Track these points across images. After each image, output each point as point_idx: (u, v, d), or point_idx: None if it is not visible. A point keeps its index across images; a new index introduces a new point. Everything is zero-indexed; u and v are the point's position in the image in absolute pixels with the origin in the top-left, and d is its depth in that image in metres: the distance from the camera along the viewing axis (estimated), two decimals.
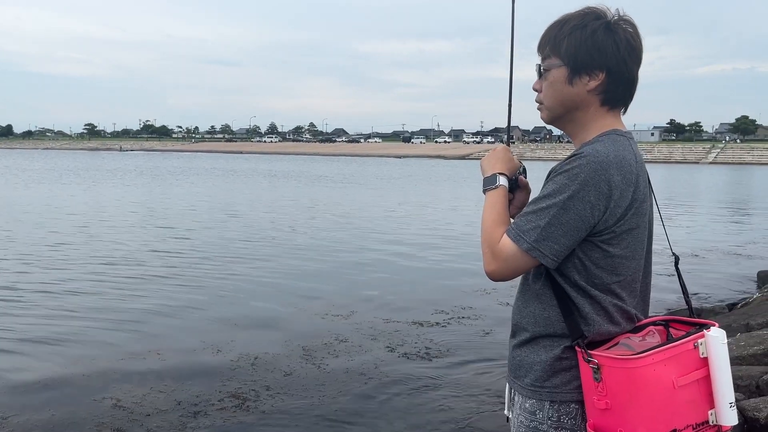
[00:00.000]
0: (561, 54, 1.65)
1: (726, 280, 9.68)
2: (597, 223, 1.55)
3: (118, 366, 5.78)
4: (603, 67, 1.62)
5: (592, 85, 1.64)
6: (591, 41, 1.61)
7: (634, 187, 1.58)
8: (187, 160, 69.21)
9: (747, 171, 58.92)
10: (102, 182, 32.68)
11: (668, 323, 1.67)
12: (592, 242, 1.58)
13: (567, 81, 1.65)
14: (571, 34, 1.63)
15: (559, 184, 1.55)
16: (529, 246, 1.56)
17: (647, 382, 1.47)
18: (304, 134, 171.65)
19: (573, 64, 1.63)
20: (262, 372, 5.63)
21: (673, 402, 1.49)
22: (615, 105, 1.68)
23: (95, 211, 18.71)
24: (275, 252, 12.02)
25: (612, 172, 1.53)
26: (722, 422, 1.54)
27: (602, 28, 1.62)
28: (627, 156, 1.58)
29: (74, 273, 9.74)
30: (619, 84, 1.65)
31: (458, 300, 8.07)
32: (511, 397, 1.78)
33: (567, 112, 1.69)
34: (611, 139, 1.61)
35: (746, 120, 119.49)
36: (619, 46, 1.61)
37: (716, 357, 1.54)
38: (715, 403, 1.54)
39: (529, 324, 1.68)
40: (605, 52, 1.61)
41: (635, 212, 1.59)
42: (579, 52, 1.62)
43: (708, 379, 1.54)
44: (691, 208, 21.96)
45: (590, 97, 1.65)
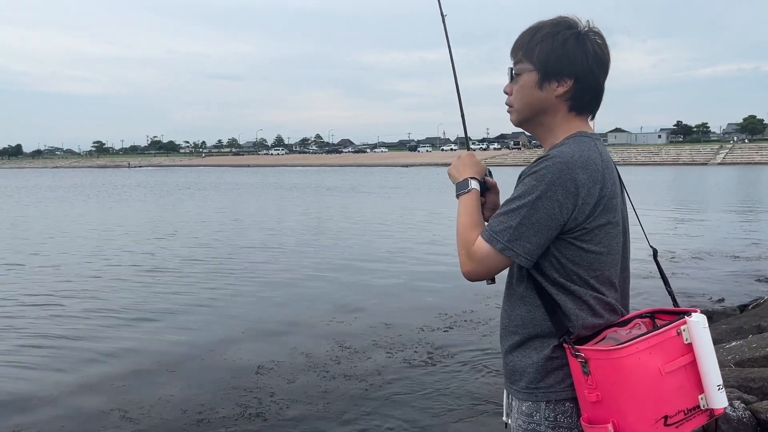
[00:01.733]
0: (533, 59, 1.71)
1: (737, 281, 9.61)
2: (567, 221, 1.61)
3: (124, 377, 5.87)
4: (571, 75, 1.68)
5: (560, 91, 1.70)
6: (562, 49, 1.67)
7: (601, 184, 1.63)
8: (197, 175, 69.53)
9: (756, 171, 58.48)
10: (119, 198, 32.96)
11: (653, 315, 1.72)
12: (566, 240, 1.63)
13: (537, 85, 1.71)
14: (543, 41, 1.69)
15: (527, 186, 1.61)
16: (503, 246, 1.62)
17: (633, 371, 1.51)
18: (311, 146, 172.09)
19: (543, 70, 1.70)
20: (266, 379, 5.70)
21: (661, 389, 1.53)
22: (582, 111, 1.74)
23: (91, 225, 18.89)
24: (278, 261, 12.11)
25: (577, 171, 1.59)
26: (712, 405, 1.58)
27: (573, 37, 1.68)
28: (592, 156, 1.64)
29: (72, 284, 9.87)
30: (586, 92, 1.71)
31: (459, 305, 8.11)
32: (509, 403, 1.80)
33: (535, 115, 1.75)
34: (577, 140, 1.68)
35: (754, 119, 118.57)
36: (587, 56, 1.68)
37: (700, 342, 1.57)
38: (703, 386, 1.57)
39: (518, 327, 1.72)
40: (574, 60, 1.68)
41: (604, 208, 1.65)
42: (550, 59, 1.68)
43: (694, 364, 1.57)
44: (701, 209, 21.85)
45: (558, 102, 1.71)
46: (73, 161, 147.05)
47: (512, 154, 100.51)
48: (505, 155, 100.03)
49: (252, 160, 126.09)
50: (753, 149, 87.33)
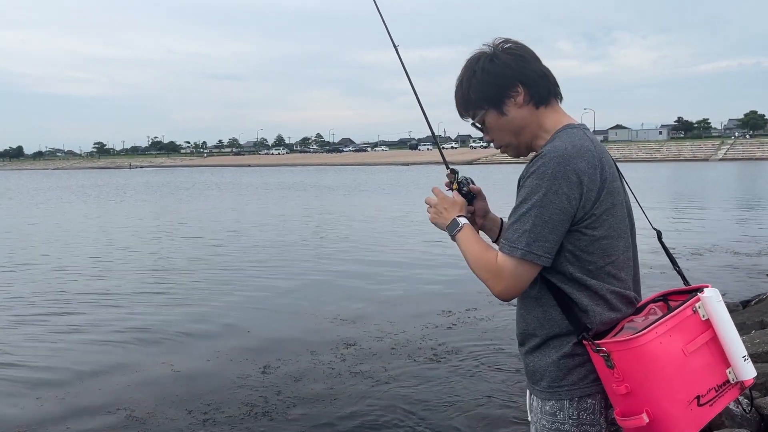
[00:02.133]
0: (478, 104, 1.77)
1: (739, 276, 9.60)
2: (576, 211, 1.61)
3: (129, 377, 5.87)
4: (514, 81, 1.73)
5: (519, 100, 1.74)
6: (487, 77, 1.74)
7: (600, 168, 1.65)
8: (199, 175, 69.55)
9: (758, 166, 58.44)
10: (126, 199, 32.99)
11: (666, 297, 1.73)
12: (577, 230, 1.63)
13: (501, 114, 1.76)
14: (470, 86, 1.76)
15: (530, 187, 1.62)
16: (523, 252, 1.60)
17: (656, 356, 1.51)
18: (311, 145, 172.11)
19: (492, 102, 1.76)
20: (271, 378, 5.70)
21: (688, 370, 1.52)
22: (547, 100, 1.77)
23: (95, 224, 18.90)
24: (282, 260, 12.11)
25: (575, 160, 1.60)
26: (741, 377, 1.57)
27: (487, 62, 1.74)
28: (584, 144, 1.66)
29: (79, 286, 9.88)
30: (537, 84, 1.75)
31: (462, 303, 8.10)
32: (530, 403, 1.80)
33: (521, 135, 1.79)
34: (566, 133, 1.70)
35: (755, 115, 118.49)
36: (510, 64, 1.73)
37: (717, 316, 1.57)
38: (729, 360, 1.56)
39: (536, 328, 1.72)
40: (505, 74, 1.73)
41: (608, 192, 1.66)
42: (487, 91, 1.75)
43: (716, 340, 1.56)
44: (703, 205, 21.84)
45: (525, 110, 1.75)
46: (74, 162, 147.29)
47: None
48: (506, 153, 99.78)
49: (253, 160, 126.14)
50: (754, 145, 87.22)
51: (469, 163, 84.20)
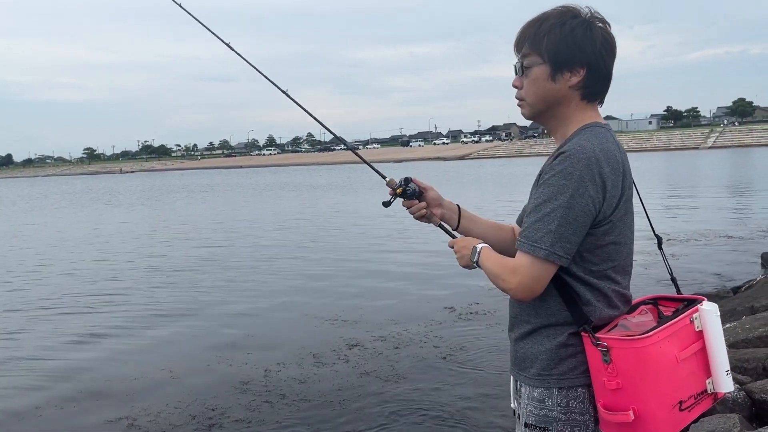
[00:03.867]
0: (542, 51, 1.67)
1: (729, 263, 9.67)
2: (597, 215, 1.60)
3: (131, 385, 5.81)
4: (584, 64, 1.66)
5: (573, 81, 1.67)
6: (571, 38, 1.65)
7: (622, 176, 1.64)
8: (190, 178, 69.30)
9: (747, 153, 58.78)
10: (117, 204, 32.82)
11: (656, 301, 1.75)
12: (590, 233, 1.62)
13: (550, 78, 1.68)
14: (550, 32, 1.66)
15: (556, 186, 1.58)
16: (547, 252, 1.58)
17: (655, 359, 1.54)
18: (303, 145, 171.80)
19: (554, 62, 1.66)
20: (275, 381, 5.65)
21: (678, 375, 1.57)
22: (594, 99, 1.72)
23: (94, 229, 18.78)
24: (278, 261, 12.06)
25: (602, 164, 1.58)
26: (720, 389, 1.64)
27: (580, 25, 1.65)
28: (611, 147, 1.63)
29: (75, 292, 9.80)
30: (598, 79, 1.69)
31: (465, 298, 8.08)
32: (516, 389, 1.80)
33: (549, 108, 1.72)
34: (593, 132, 1.65)
35: (743, 102, 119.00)
36: (596, 42, 1.66)
37: (711, 329, 1.63)
38: (712, 372, 1.63)
39: (530, 315, 1.71)
40: (585, 49, 1.65)
41: (626, 200, 1.66)
42: (560, 50, 1.65)
43: (703, 351, 1.63)
44: (693, 193, 21.94)
45: (571, 92, 1.69)
46: (65, 169, 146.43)
47: (504, 146, 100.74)
48: (497, 147, 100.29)
49: (245, 161, 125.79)
50: (743, 132, 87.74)
51: (461, 158, 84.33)
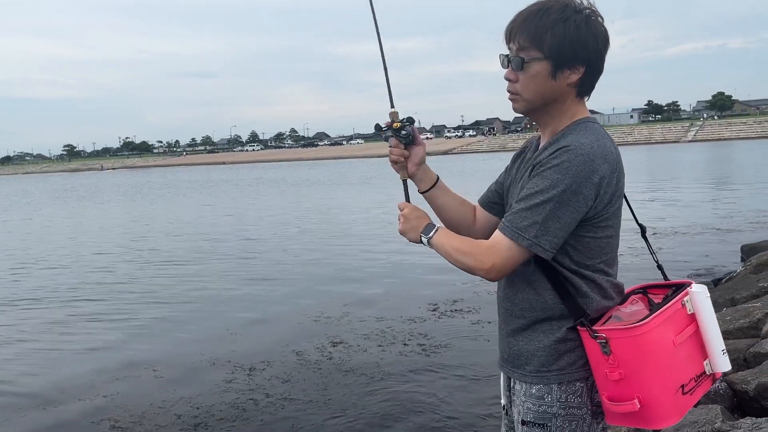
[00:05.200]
0: (543, 47, 1.61)
1: (711, 255, 9.79)
2: (588, 211, 1.60)
3: (113, 385, 5.76)
4: (584, 62, 1.63)
5: (573, 78, 1.64)
6: (576, 36, 1.60)
7: (618, 173, 1.63)
8: (173, 175, 68.75)
9: (726, 146, 59.49)
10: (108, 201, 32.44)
11: (645, 290, 1.75)
12: (582, 227, 1.62)
13: (550, 75, 1.63)
14: (554, 28, 1.60)
15: (550, 179, 1.56)
16: (530, 242, 1.58)
17: (653, 346, 1.55)
18: (286, 140, 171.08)
19: (557, 59, 1.61)
20: (259, 380, 5.64)
21: (676, 359, 1.59)
22: (587, 94, 1.72)
23: (72, 227, 18.57)
24: (259, 258, 12.01)
25: (599, 162, 1.57)
26: (717, 369, 1.66)
27: (583, 22, 1.61)
28: (608, 144, 1.63)
29: (58, 289, 9.71)
30: (594, 76, 1.68)
31: (448, 294, 8.11)
32: (509, 386, 1.79)
33: (546, 104, 1.69)
34: (588, 128, 1.65)
35: (723, 96, 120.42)
36: (598, 39, 1.63)
37: (703, 310, 1.65)
38: (708, 352, 1.65)
39: (524, 310, 1.70)
40: (588, 47, 1.61)
41: (618, 195, 1.66)
42: (564, 48, 1.60)
43: (698, 333, 1.64)
44: (674, 186, 22.17)
45: (569, 89, 1.66)
46: (44, 166, 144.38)
47: (487, 141, 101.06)
48: (480, 142, 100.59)
49: (227, 157, 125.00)
50: (722, 125, 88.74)
51: (444, 153, 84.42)
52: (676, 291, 1.68)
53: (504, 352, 1.78)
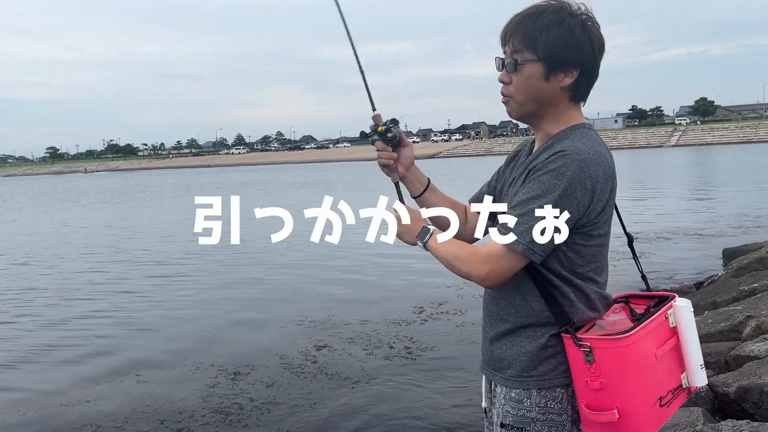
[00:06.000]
0: (537, 50, 1.60)
1: (693, 259, 9.88)
2: (581, 217, 1.59)
3: (95, 390, 5.70)
4: (578, 65, 1.62)
5: (566, 82, 1.63)
6: (570, 39, 1.59)
7: (612, 179, 1.63)
8: (158, 177, 68.25)
9: (709, 151, 60.13)
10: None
11: (627, 299, 1.76)
12: (574, 234, 1.61)
13: (543, 77, 1.62)
14: (548, 30, 1.59)
15: (546, 184, 1.56)
16: (525, 247, 1.56)
17: (636, 357, 1.55)
18: (272, 143, 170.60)
19: (551, 61, 1.61)
20: (243, 385, 5.60)
21: (657, 372, 1.60)
22: (581, 99, 1.71)
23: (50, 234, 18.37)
24: (245, 262, 11.94)
25: (594, 168, 1.57)
26: (694, 383, 1.68)
27: (579, 25, 1.60)
28: (603, 151, 1.62)
29: (41, 293, 9.60)
30: (589, 81, 1.67)
31: (433, 297, 8.11)
32: (490, 389, 1.79)
33: (539, 107, 1.67)
34: (584, 134, 1.64)
35: (705, 102, 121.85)
36: (593, 43, 1.62)
37: (685, 325, 1.66)
38: (686, 366, 1.67)
39: (510, 315, 1.70)
40: (582, 50, 1.61)
41: (611, 203, 1.65)
42: (558, 50, 1.59)
43: (678, 346, 1.66)
44: (657, 190, 22.37)
45: (562, 93, 1.65)
46: (27, 169, 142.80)
47: (473, 145, 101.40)
48: (466, 146, 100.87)
49: (213, 160, 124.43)
50: (705, 130, 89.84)
51: (431, 156, 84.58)
52: (658, 303, 1.70)
53: (486, 355, 1.79)
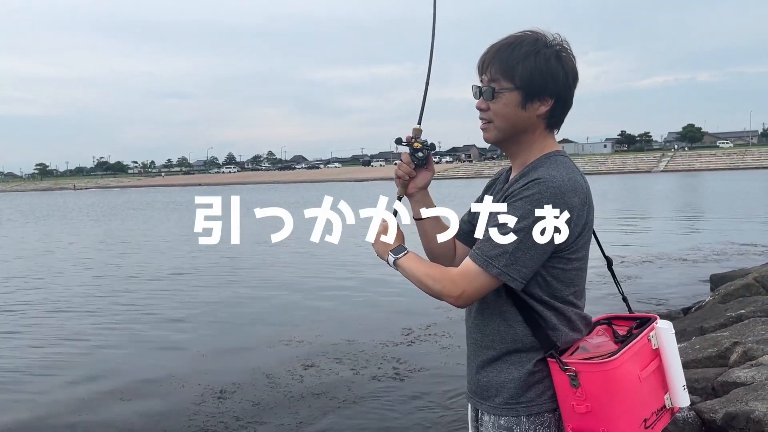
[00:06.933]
0: (514, 78, 1.66)
1: (680, 284, 9.90)
2: (559, 244, 1.61)
3: (79, 408, 5.62)
4: (553, 94, 1.67)
5: (542, 110, 1.68)
6: (546, 68, 1.64)
7: (588, 205, 1.66)
8: (147, 195, 67.97)
9: (696, 177, 60.73)
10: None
11: (610, 321, 1.78)
12: (553, 259, 1.64)
13: (520, 105, 1.67)
14: (525, 60, 1.64)
15: (522, 210, 1.58)
16: (499, 271, 1.58)
17: (622, 380, 1.57)
18: (263, 163, 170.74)
19: (527, 90, 1.66)
20: (229, 403, 5.55)
21: (641, 394, 1.61)
22: (556, 127, 1.75)
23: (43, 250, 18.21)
24: (233, 279, 11.87)
25: (570, 195, 1.60)
26: (677, 404, 1.69)
27: (554, 56, 1.66)
28: (578, 177, 1.66)
29: (23, 313, 9.48)
30: (563, 109, 1.72)
31: (420, 318, 8.08)
32: (477, 417, 1.79)
33: (516, 134, 1.72)
34: (559, 161, 1.68)
35: (692, 128, 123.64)
36: (567, 74, 1.68)
37: (668, 346, 1.68)
38: (669, 387, 1.68)
39: (495, 342, 1.70)
40: (557, 80, 1.66)
41: (588, 228, 1.69)
42: (534, 79, 1.65)
43: (660, 368, 1.67)
44: (646, 215, 22.54)
45: (538, 121, 1.70)
46: (15, 185, 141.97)
47: (464, 167, 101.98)
48: (457, 168, 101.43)
49: (204, 179, 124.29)
50: (693, 157, 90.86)
51: None
52: (640, 324, 1.71)
53: (472, 384, 1.79)
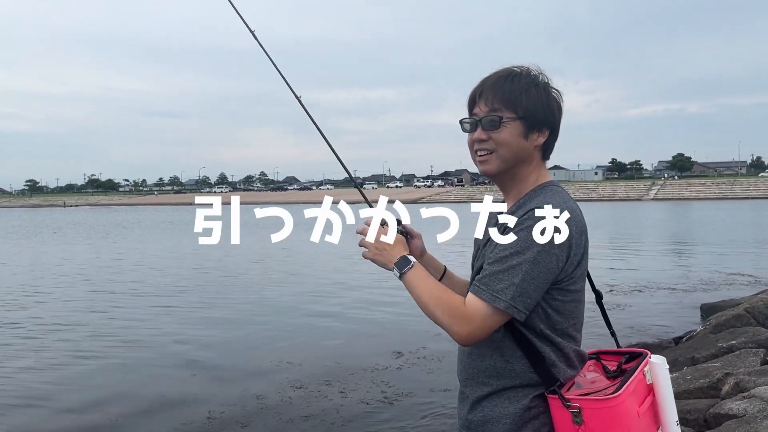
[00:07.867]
0: (517, 108, 1.67)
1: (671, 314, 9.92)
2: (559, 273, 1.61)
3: (67, 423, 5.58)
4: (549, 126, 1.71)
5: (540, 141, 1.71)
6: (546, 101, 1.70)
7: (584, 235, 1.69)
8: (137, 214, 67.69)
9: (686, 206, 61.13)
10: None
11: (599, 356, 1.78)
12: (554, 290, 1.63)
13: (522, 135, 1.69)
14: (527, 91, 1.67)
15: (524, 241, 1.58)
16: (507, 304, 1.56)
17: (623, 416, 1.55)
18: (255, 183, 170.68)
19: (530, 120, 1.67)
20: (217, 424, 5.52)
21: (639, 430, 1.59)
22: (547, 158, 1.79)
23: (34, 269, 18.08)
24: (219, 301, 11.82)
25: (568, 224, 1.61)
26: None
27: (546, 88, 1.72)
28: (574, 207, 1.67)
29: (14, 328, 9.40)
30: (555, 140, 1.76)
31: (410, 342, 8.08)
32: None
33: (516, 164, 1.72)
34: (555, 192, 1.70)
35: (682, 157, 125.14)
36: (559, 106, 1.74)
37: (662, 381, 1.67)
38: (663, 423, 1.67)
39: (490, 378, 1.68)
40: (553, 112, 1.72)
41: (585, 258, 1.70)
42: (538, 110, 1.68)
43: (654, 403, 1.66)
44: (636, 244, 22.64)
45: (535, 151, 1.73)
46: (4, 201, 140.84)
47: (455, 191, 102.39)
48: (449, 192, 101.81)
49: (195, 198, 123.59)
50: (682, 185, 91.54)
51: (414, 201, 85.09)
52: (629, 359, 1.72)
53: (463, 418, 1.75)
